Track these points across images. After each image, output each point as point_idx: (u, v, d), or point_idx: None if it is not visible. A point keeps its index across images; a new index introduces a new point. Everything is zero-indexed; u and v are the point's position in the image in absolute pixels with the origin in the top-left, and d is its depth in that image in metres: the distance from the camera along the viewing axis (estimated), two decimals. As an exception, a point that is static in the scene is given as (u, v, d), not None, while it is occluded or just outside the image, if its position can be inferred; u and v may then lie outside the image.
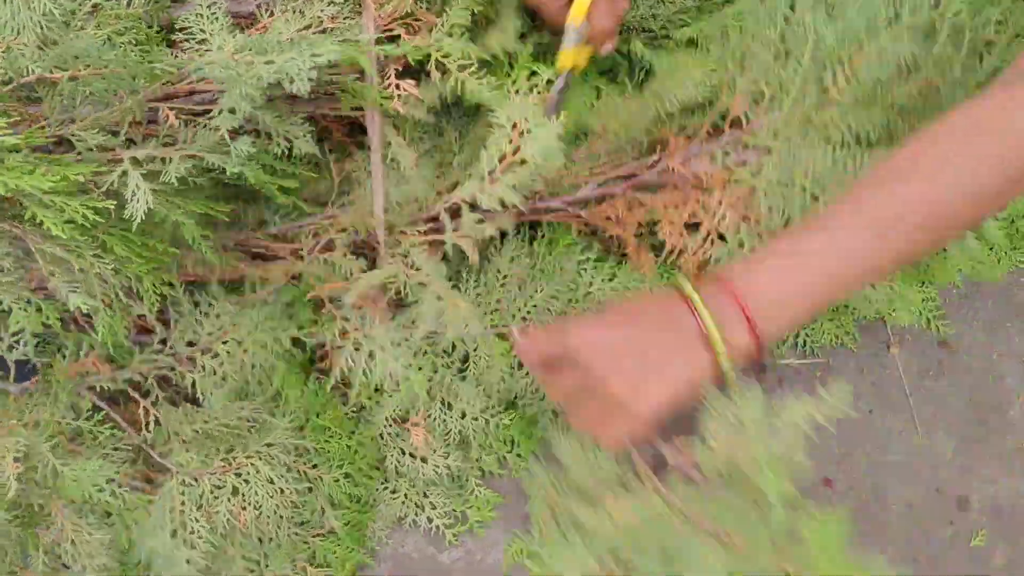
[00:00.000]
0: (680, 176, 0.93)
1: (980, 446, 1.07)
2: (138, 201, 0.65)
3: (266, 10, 0.84)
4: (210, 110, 0.71)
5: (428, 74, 0.86)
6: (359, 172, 0.94)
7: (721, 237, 0.92)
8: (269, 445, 0.94)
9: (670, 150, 0.93)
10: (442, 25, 0.83)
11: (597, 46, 0.88)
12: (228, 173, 0.71)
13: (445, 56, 0.84)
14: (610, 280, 0.99)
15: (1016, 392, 1.09)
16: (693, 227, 0.94)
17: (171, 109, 0.69)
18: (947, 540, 1.05)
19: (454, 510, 1.04)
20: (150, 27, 0.74)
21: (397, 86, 0.82)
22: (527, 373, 0.99)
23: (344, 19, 0.81)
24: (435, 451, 1.00)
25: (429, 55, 0.84)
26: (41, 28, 0.62)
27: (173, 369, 0.92)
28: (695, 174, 0.92)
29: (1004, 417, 1.08)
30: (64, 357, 0.89)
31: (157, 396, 0.93)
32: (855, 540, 1.01)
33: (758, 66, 0.89)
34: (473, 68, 0.84)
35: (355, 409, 1.02)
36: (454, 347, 0.99)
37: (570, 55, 0.87)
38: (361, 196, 0.92)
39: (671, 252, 0.94)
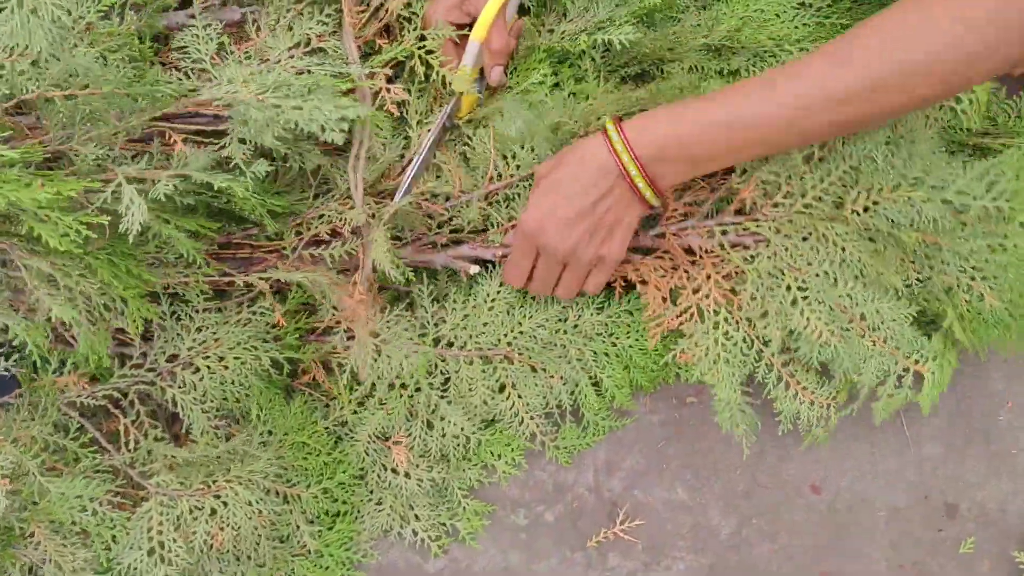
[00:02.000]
0: (673, 244, 0.97)
1: (968, 452, 1.09)
2: (133, 215, 0.68)
3: (254, 23, 0.88)
4: (214, 131, 0.75)
5: (412, 70, 0.94)
6: (333, 171, 0.97)
7: (700, 313, 0.97)
8: (251, 471, 0.97)
9: (666, 215, 0.97)
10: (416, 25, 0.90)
11: (488, 68, 0.94)
12: (216, 187, 0.74)
13: (428, 53, 0.92)
14: (598, 312, 1.02)
15: (1004, 397, 1.10)
16: (674, 293, 0.99)
17: (176, 132, 0.73)
18: (935, 547, 1.07)
19: (441, 523, 1.06)
20: (142, 41, 0.78)
21: (388, 90, 0.87)
22: (508, 396, 1.02)
23: (331, 34, 0.87)
24: (417, 466, 1.03)
25: (412, 54, 0.92)
26: (50, 36, 0.65)
27: (153, 384, 0.94)
28: (689, 246, 0.97)
29: (992, 422, 1.09)
30: (49, 371, 0.92)
31: (139, 412, 0.95)
32: (841, 545, 1.05)
33: (783, 161, 0.93)
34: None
35: (336, 424, 1.04)
36: (436, 366, 1.01)
37: (467, 76, 0.93)
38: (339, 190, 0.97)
39: (651, 316, 0.98)
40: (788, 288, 0.93)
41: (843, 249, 0.92)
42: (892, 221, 0.89)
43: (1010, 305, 0.96)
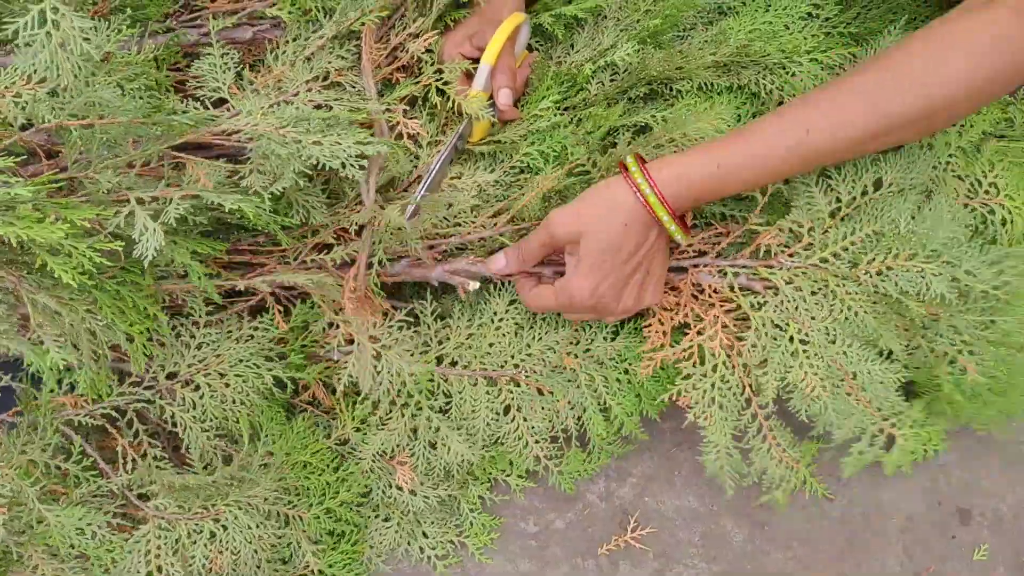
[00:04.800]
0: (688, 280, 1.00)
1: (982, 458, 1.13)
2: (147, 241, 0.72)
3: (272, 51, 0.93)
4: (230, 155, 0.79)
5: (426, 98, 0.99)
6: (343, 181, 1.00)
7: (701, 354, 0.99)
8: (251, 495, 0.99)
9: (679, 250, 1.00)
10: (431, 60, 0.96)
11: (496, 90, 0.99)
12: (228, 210, 0.78)
13: (445, 84, 0.97)
14: (612, 338, 1.04)
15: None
16: (676, 330, 1.01)
17: (193, 160, 0.77)
18: (948, 554, 1.11)
19: (448, 541, 1.10)
20: (160, 70, 0.82)
21: (405, 124, 0.93)
22: (512, 418, 1.04)
23: (349, 69, 0.92)
24: (422, 484, 1.06)
25: (429, 86, 0.98)
26: (76, 70, 0.69)
27: (152, 402, 0.97)
28: (699, 283, 1.00)
29: (1007, 429, 1.14)
30: (47, 389, 0.95)
31: (137, 431, 0.98)
32: (855, 553, 1.09)
33: (809, 211, 0.96)
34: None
35: (338, 442, 1.07)
36: (438, 386, 1.03)
37: (479, 99, 0.98)
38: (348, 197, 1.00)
39: (649, 348, 1.00)
40: (791, 339, 0.97)
41: (849, 308, 0.96)
42: (901, 288, 0.93)
43: (991, 381, 1.00)
